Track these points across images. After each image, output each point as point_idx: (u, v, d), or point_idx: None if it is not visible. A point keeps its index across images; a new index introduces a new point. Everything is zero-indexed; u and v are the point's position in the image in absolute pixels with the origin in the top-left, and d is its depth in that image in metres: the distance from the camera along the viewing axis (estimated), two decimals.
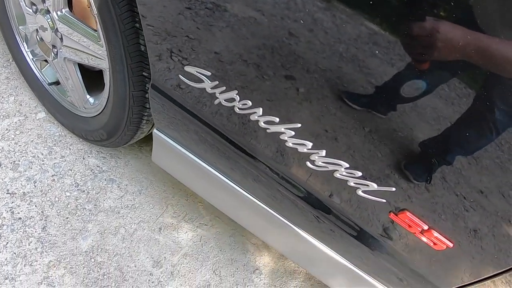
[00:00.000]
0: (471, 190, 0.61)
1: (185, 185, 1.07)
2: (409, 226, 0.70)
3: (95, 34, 0.97)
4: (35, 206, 1.12)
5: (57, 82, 1.20)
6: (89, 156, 1.26)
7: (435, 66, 0.52)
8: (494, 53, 0.47)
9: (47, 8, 1.02)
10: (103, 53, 0.97)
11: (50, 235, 1.10)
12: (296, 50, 0.60)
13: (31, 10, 1.08)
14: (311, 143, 0.70)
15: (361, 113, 0.61)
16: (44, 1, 1.01)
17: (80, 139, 1.27)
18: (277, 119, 0.71)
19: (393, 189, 0.67)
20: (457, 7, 0.47)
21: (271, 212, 0.91)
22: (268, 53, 0.64)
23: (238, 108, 0.75)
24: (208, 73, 0.74)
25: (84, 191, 1.19)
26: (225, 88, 0.74)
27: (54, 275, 1.05)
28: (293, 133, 0.71)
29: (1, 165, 1.16)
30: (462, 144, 0.58)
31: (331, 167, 0.71)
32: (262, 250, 1.27)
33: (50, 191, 1.16)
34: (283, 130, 0.72)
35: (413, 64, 0.52)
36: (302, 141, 0.71)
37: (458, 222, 0.66)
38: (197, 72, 0.76)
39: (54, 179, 1.18)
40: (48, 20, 1.03)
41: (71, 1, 1.04)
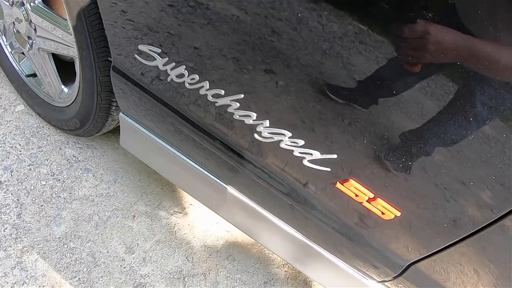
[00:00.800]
0: (416, 155, 0.62)
1: (153, 169, 1.10)
2: (356, 195, 0.72)
3: (66, 23, 1.01)
4: (11, 194, 1.16)
5: (34, 74, 1.25)
6: (66, 147, 1.29)
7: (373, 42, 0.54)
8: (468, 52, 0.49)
9: (22, 0, 1.07)
10: (73, 41, 1.01)
11: (25, 222, 1.13)
12: (237, 25, 0.63)
13: (8, 3, 1.13)
14: (256, 114, 0.72)
15: (297, 80, 0.64)
16: None
17: (57, 130, 1.31)
18: (223, 92, 0.74)
19: (335, 156, 0.69)
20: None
21: (224, 186, 0.93)
22: (210, 28, 0.67)
23: (188, 83, 0.78)
24: (159, 50, 0.77)
25: (60, 180, 1.22)
26: (174, 64, 0.77)
27: (27, 260, 1.08)
28: (238, 105, 0.73)
29: None
30: (402, 107, 0.60)
31: (277, 138, 0.73)
32: (237, 237, 1.28)
33: (26, 180, 1.19)
34: (229, 103, 0.74)
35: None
36: (247, 113, 0.73)
37: (403, 189, 0.67)
38: (149, 50, 0.79)
39: (31, 169, 1.22)
40: (23, 12, 1.08)
41: None
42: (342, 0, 0.54)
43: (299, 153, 0.72)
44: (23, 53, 1.24)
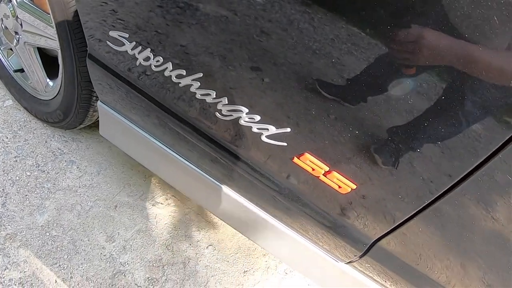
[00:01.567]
0: (368, 127, 0.66)
1: (132, 157, 1.15)
2: (312, 169, 0.76)
3: (49, 17, 1.09)
4: None
5: (22, 70, 1.32)
6: (52, 140, 1.36)
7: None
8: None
9: None
10: (55, 34, 1.08)
11: (9, 211, 1.19)
12: (190, 7, 0.69)
13: None
14: (215, 92, 0.77)
15: (248, 56, 0.68)
16: None
17: (44, 124, 1.38)
18: (184, 72, 0.79)
19: (289, 130, 0.73)
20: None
21: (189, 166, 0.98)
22: (167, 12, 0.73)
23: (154, 66, 0.83)
24: (126, 35, 0.83)
25: (44, 171, 1.28)
26: (141, 48, 0.82)
27: (10, 247, 1.13)
28: (199, 84, 0.78)
29: None
30: (349, 78, 0.64)
31: (236, 115, 0.78)
32: (217, 228, 1.32)
33: (12, 171, 1.26)
34: (191, 82, 0.79)
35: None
36: (207, 91, 0.78)
37: (357, 161, 0.71)
38: (119, 36, 0.85)
39: (17, 160, 1.28)
40: (10, 8, 1.16)
41: None
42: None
43: (257, 129, 0.77)
44: (11, 49, 1.32)
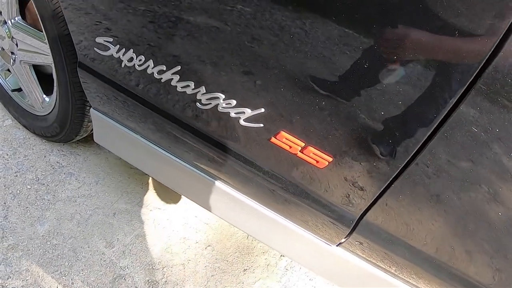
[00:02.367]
0: (335, 98, 0.72)
1: (128, 163, 1.22)
2: (290, 147, 0.82)
3: (41, 34, 1.19)
4: None
5: (19, 89, 1.43)
6: (50, 154, 1.44)
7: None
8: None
9: (4, 19, 1.26)
10: (48, 50, 1.18)
11: (11, 223, 1.26)
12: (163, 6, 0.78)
13: None
14: (193, 82, 0.85)
15: (218, 42, 0.76)
16: (1, 13, 1.25)
17: (43, 140, 1.46)
18: (164, 67, 0.87)
19: (263, 110, 0.80)
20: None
21: (183, 165, 1.04)
22: (148, 13, 0.82)
23: (138, 65, 0.91)
24: (111, 39, 0.92)
25: (44, 184, 1.36)
26: (124, 50, 0.91)
27: (12, 257, 1.19)
28: (178, 77, 0.86)
29: None
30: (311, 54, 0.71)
31: (214, 102, 0.85)
32: (215, 229, 1.37)
33: (13, 185, 1.33)
34: (171, 76, 0.87)
35: None
36: (187, 83, 0.86)
37: (330, 133, 0.76)
38: (104, 41, 0.94)
39: (17, 175, 1.36)
40: (6, 30, 1.27)
41: (23, 10, 1.28)
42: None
43: (235, 114, 0.83)
44: (9, 70, 1.43)
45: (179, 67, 0.84)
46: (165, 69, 0.87)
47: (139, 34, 0.85)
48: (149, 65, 0.89)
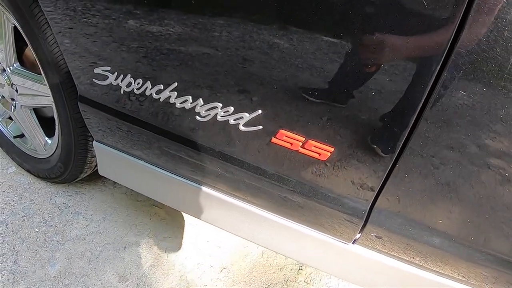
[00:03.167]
0: (331, 91, 0.77)
1: (134, 190, 1.26)
2: (291, 144, 0.86)
3: (40, 77, 1.27)
4: (7, 244, 1.32)
5: (21, 135, 1.49)
6: (56, 196, 1.48)
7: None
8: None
9: (3, 67, 1.34)
10: (47, 91, 1.25)
11: (21, 267, 1.27)
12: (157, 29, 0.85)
13: None
14: (190, 96, 0.91)
15: (210, 52, 0.83)
16: (0, 62, 1.34)
17: (47, 183, 1.51)
18: (162, 86, 0.93)
19: (260, 112, 0.85)
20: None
21: (193, 186, 1.08)
22: (143, 40, 0.89)
23: (136, 89, 0.98)
24: (108, 68, 0.99)
25: (52, 226, 1.39)
26: (122, 76, 0.98)
27: None
28: (176, 93, 0.92)
29: None
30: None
31: (213, 112, 0.90)
32: (229, 251, 1.38)
33: (21, 230, 1.36)
34: (169, 94, 0.93)
35: None
36: (184, 98, 0.91)
37: (327, 124, 0.80)
38: (102, 71, 1.01)
39: (24, 219, 1.39)
40: (5, 78, 1.35)
41: (20, 57, 1.36)
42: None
43: (234, 120, 0.88)
44: (10, 118, 1.50)
45: (176, 84, 0.90)
46: (163, 88, 0.93)
47: (135, 59, 0.92)
48: (147, 87, 0.95)
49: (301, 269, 1.36)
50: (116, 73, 0.98)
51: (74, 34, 0.98)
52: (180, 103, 0.93)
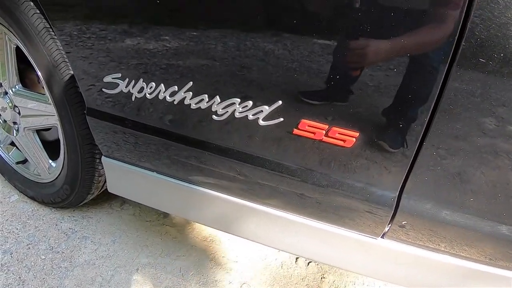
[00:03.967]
0: (346, 75, 0.77)
1: (146, 205, 1.22)
2: (314, 134, 0.85)
3: (44, 97, 1.25)
4: (13, 274, 1.26)
5: (23, 161, 1.46)
6: (62, 222, 1.43)
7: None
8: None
9: (5, 90, 1.33)
10: (52, 110, 1.24)
11: None
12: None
13: None
14: (206, 95, 0.90)
15: (227, 46, 0.83)
16: (1, 85, 1.33)
17: (52, 209, 1.46)
18: (176, 87, 0.92)
19: (280, 103, 0.84)
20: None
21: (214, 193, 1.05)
22: (156, 40, 0.89)
23: (148, 94, 0.97)
24: (119, 75, 0.98)
25: (59, 252, 1.33)
26: (134, 81, 0.97)
27: None
28: (191, 93, 0.91)
29: None
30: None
31: (230, 109, 0.89)
32: (246, 265, 1.33)
33: (26, 258, 1.30)
34: (184, 95, 0.92)
35: None
36: (200, 97, 0.90)
37: (348, 108, 0.80)
38: (112, 78, 1.00)
39: (29, 247, 1.34)
40: (7, 101, 1.33)
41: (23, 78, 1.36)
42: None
43: (253, 115, 0.87)
44: (11, 144, 1.48)
45: (191, 83, 0.90)
46: (177, 89, 0.92)
47: (148, 62, 0.92)
48: (161, 90, 0.94)
49: (324, 277, 1.31)
50: (127, 79, 0.98)
51: (84, 46, 0.98)
52: (196, 104, 0.92)
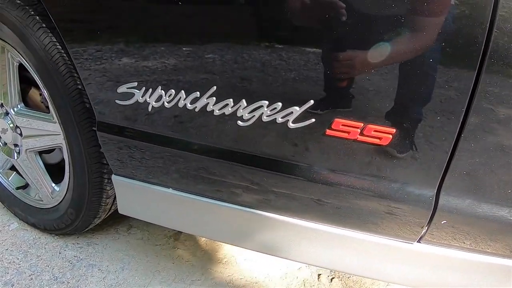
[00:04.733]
0: (376, 70, 0.75)
1: (160, 225, 1.15)
2: (348, 133, 0.81)
3: (48, 115, 1.20)
4: None
5: (24, 186, 1.38)
6: (65, 250, 1.34)
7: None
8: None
9: (6, 111, 1.27)
10: (57, 128, 1.18)
11: None
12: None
13: None
14: (231, 99, 0.86)
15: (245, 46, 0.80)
16: (3, 105, 1.27)
17: (55, 237, 1.38)
18: (198, 93, 0.89)
19: (312, 102, 0.80)
20: None
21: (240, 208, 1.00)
22: (171, 45, 0.86)
23: (167, 103, 0.93)
24: (135, 83, 0.94)
25: (64, 282, 1.24)
26: (151, 90, 0.93)
27: None
28: (215, 99, 0.87)
29: None
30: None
31: (257, 113, 0.85)
32: (267, 285, 1.26)
33: None
34: (206, 101, 0.88)
35: None
36: (224, 102, 0.86)
37: (383, 104, 0.77)
38: (127, 88, 0.96)
39: (32, 278, 1.24)
40: (8, 121, 1.27)
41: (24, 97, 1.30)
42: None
43: (282, 118, 0.84)
44: (11, 169, 1.40)
45: (215, 87, 0.86)
46: (199, 95, 0.88)
47: (167, 67, 0.89)
48: (181, 97, 0.90)
49: None
50: (144, 88, 0.94)
51: (96, 56, 0.95)
52: (219, 109, 0.88)
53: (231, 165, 0.95)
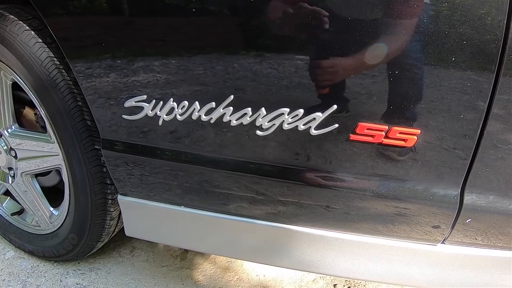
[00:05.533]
0: (401, 72, 0.74)
1: (170, 245, 1.10)
2: (373, 137, 0.79)
3: (45, 136, 1.13)
4: None
5: (19, 212, 1.31)
6: (67, 277, 1.27)
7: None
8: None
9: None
10: (56, 149, 1.12)
11: None
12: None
13: None
14: (250, 108, 0.83)
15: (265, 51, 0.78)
16: None
17: (54, 264, 1.30)
18: (214, 104, 0.85)
19: (335, 107, 0.78)
20: None
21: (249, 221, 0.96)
22: (183, 55, 0.83)
23: (179, 115, 0.89)
24: (144, 97, 0.90)
25: None
26: (162, 102, 0.89)
27: None
28: (232, 109, 0.84)
29: None
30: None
31: (278, 121, 0.82)
32: None
33: None
34: (223, 111, 0.85)
35: None
36: (242, 111, 0.83)
37: (408, 106, 0.75)
38: (135, 102, 0.92)
39: None
40: (2, 144, 1.21)
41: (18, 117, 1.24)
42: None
43: (303, 125, 0.81)
44: (4, 194, 1.32)
45: (232, 97, 0.83)
46: (215, 106, 0.85)
47: (179, 78, 0.85)
48: (195, 109, 0.87)
49: None
50: (154, 101, 0.90)
51: (101, 68, 0.91)
52: (236, 120, 0.85)
53: (248, 178, 0.91)
